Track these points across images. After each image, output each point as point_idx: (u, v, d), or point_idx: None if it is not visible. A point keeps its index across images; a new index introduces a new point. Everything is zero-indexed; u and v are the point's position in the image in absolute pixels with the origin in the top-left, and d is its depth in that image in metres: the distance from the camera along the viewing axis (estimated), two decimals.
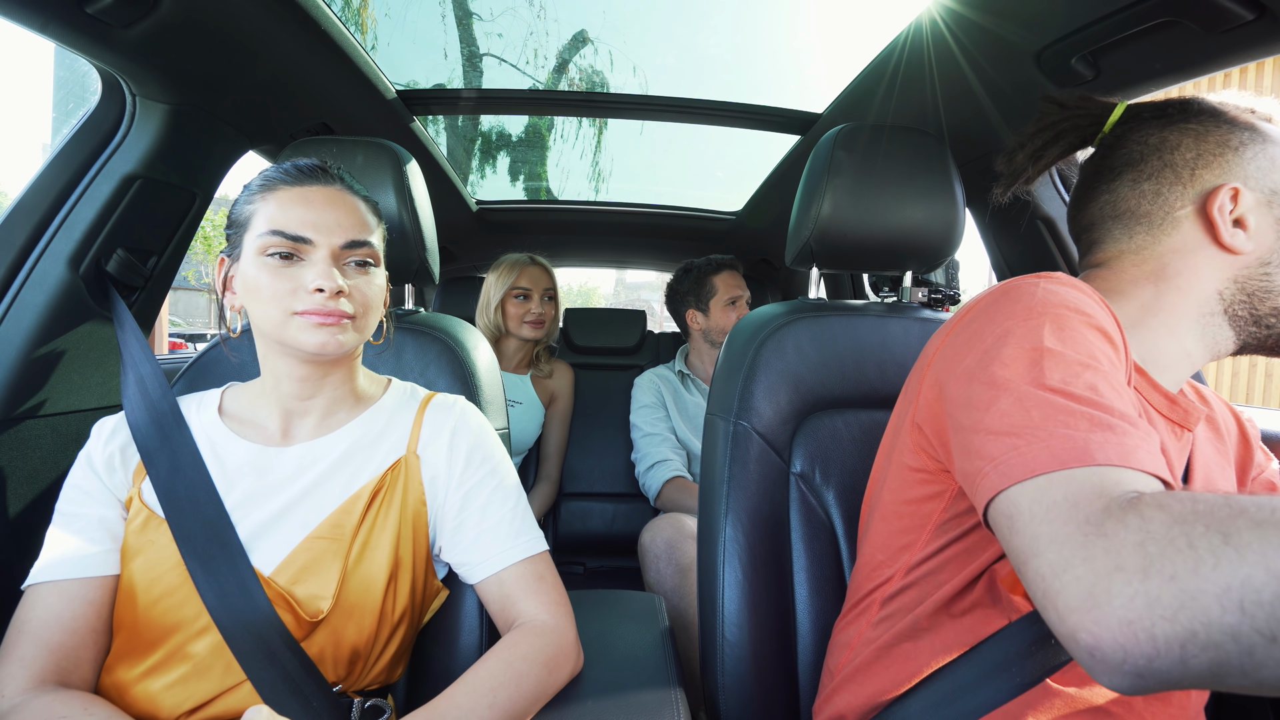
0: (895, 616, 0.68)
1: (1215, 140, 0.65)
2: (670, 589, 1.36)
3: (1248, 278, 0.63)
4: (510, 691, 0.63)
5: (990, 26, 0.90)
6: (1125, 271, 0.68)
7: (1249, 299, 0.63)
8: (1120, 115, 0.71)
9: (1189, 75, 0.84)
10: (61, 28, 0.75)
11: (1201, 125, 0.66)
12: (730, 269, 1.88)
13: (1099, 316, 0.57)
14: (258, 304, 0.66)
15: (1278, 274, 0.62)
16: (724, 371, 0.96)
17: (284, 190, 0.67)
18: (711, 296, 1.86)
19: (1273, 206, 0.63)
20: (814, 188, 0.94)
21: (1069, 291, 0.59)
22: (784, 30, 2.26)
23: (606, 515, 2.04)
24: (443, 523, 0.75)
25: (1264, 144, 0.64)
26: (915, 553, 0.67)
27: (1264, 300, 0.63)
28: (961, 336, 0.61)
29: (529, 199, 2.59)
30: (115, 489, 0.68)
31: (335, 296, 0.65)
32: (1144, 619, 0.36)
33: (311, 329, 0.65)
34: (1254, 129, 0.65)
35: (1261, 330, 0.64)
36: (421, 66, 1.81)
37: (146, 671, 0.63)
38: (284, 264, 0.65)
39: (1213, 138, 0.66)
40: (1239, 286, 0.63)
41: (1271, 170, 0.63)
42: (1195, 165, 0.65)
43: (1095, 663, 0.38)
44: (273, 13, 0.92)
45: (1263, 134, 0.65)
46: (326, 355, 0.67)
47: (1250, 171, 0.63)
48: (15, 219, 0.88)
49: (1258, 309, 0.63)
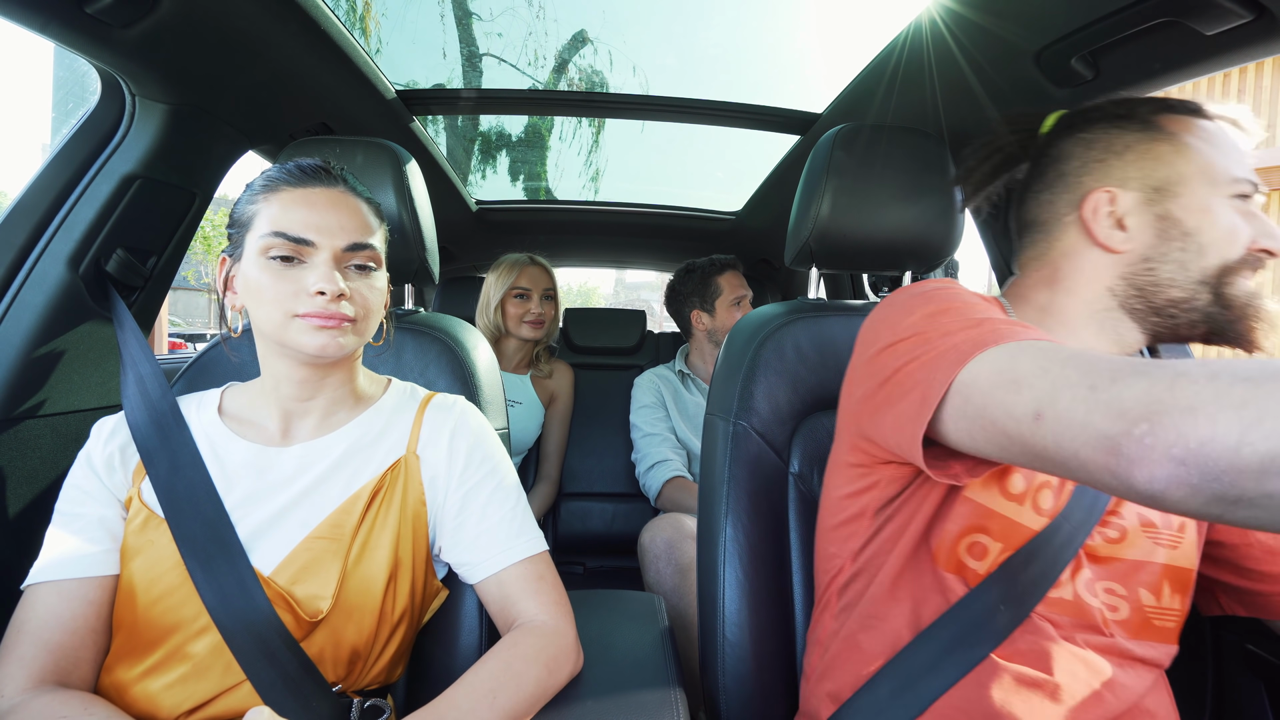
0: (851, 607, 0.72)
1: (1101, 146, 0.69)
2: (670, 589, 1.36)
3: (1134, 274, 0.66)
4: (510, 692, 0.63)
5: (990, 26, 0.90)
6: (1029, 277, 0.73)
7: (1140, 294, 0.66)
8: (1052, 126, 0.75)
9: (1189, 75, 0.84)
10: (61, 28, 0.75)
11: (1092, 133, 0.70)
12: (733, 269, 1.89)
13: (985, 307, 0.62)
14: (259, 305, 0.66)
15: (1162, 268, 0.65)
16: (723, 371, 0.96)
17: (287, 191, 0.67)
18: (717, 296, 1.86)
19: (1153, 205, 0.66)
20: (813, 188, 0.94)
21: (956, 288, 0.66)
22: (784, 30, 2.26)
23: (606, 515, 2.04)
24: (442, 523, 0.75)
25: (1152, 143, 0.67)
26: (859, 540, 0.72)
27: (1156, 293, 0.65)
28: (862, 338, 0.70)
29: (529, 199, 2.59)
30: (115, 489, 0.68)
31: (336, 300, 0.65)
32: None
33: (312, 331, 0.65)
34: (1149, 127, 0.68)
35: (1165, 320, 0.66)
36: (421, 66, 1.81)
37: (146, 671, 0.63)
38: (286, 266, 0.65)
39: (1100, 144, 0.70)
40: (1128, 283, 0.67)
41: (1155, 168, 0.66)
42: (1080, 172, 0.70)
43: None
44: (273, 13, 0.92)
45: (1157, 133, 0.67)
46: (326, 358, 0.67)
47: (1131, 173, 0.67)
48: (15, 219, 0.88)
49: (1152, 301, 0.66)
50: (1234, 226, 0.63)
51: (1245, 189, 0.64)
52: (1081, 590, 0.64)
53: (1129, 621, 0.65)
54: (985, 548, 0.65)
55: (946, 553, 0.66)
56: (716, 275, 1.87)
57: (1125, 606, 0.65)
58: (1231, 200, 0.64)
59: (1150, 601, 0.65)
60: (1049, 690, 0.60)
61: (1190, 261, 0.64)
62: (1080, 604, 0.64)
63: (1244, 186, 0.64)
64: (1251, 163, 0.66)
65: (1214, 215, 0.64)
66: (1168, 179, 0.66)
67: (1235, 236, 0.63)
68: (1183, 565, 0.67)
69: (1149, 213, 0.66)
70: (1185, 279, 0.64)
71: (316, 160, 0.71)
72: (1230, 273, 0.63)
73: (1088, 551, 0.65)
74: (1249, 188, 0.65)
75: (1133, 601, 0.65)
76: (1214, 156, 0.65)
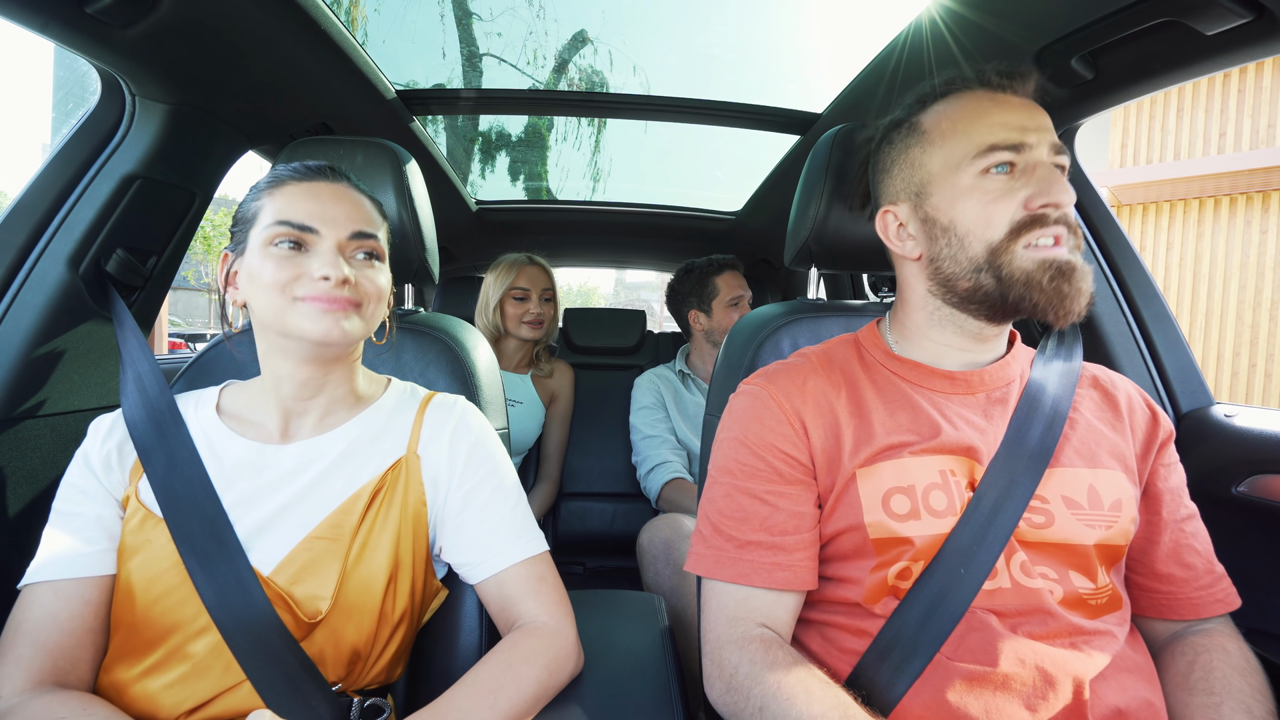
0: (808, 623, 0.73)
1: (879, 168, 0.76)
2: (668, 589, 1.36)
3: (933, 273, 0.71)
4: (511, 693, 0.63)
5: (990, 26, 0.90)
6: (896, 296, 0.80)
7: (946, 289, 0.70)
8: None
9: (1188, 75, 0.84)
10: (61, 28, 0.75)
11: (875, 158, 0.78)
12: (732, 269, 1.89)
13: (748, 424, 0.73)
14: (260, 291, 0.66)
15: (944, 265, 0.69)
16: (723, 371, 0.96)
17: (291, 185, 0.68)
18: (714, 297, 1.86)
19: (917, 210, 0.71)
20: (813, 188, 0.94)
21: (739, 403, 0.76)
22: (784, 30, 2.26)
23: (606, 515, 2.04)
24: (443, 523, 0.75)
25: (908, 149, 0.72)
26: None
27: (955, 284, 0.69)
28: None
29: (529, 199, 2.60)
30: (112, 488, 0.68)
31: (341, 285, 0.66)
32: None
33: (316, 315, 0.65)
34: (910, 132, 0.72)
35: (980, 306, 0.69)
36: (421, 66, 1.81)
37: (146, 671, 0.63)
38: (290, 253, 0.65)
39: (878, 165, 0.77)
40: (935, 281, 0.71)
41: (912, 175, 0.71)
42: (876, 196, 0.78)
43: None
44: (272, 13, 0.92)
45: (911, 137, 0.72)
46: (330, 344, 0.66)
47: (899, 187, 0.73)
48: (15, 219, 0.88)
49: (957, 292, 0.69)
50: (985, 205, 0.65)
51: (1000, 157, 0.65)
52: (1018, 575, 0.65)
53: (1067, 601, 0.65)
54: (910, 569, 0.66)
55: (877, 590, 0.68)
56: (714, 275, 1.87)
57: (1060, 590, 0.65)
58: (986, 177, 0.65)
59: (1084, 584, 0.66)
60: (998, 682, 0.60)
61: (958, 254, 0.67)
62: (1020, 589, 0.64)
63: (998, 155, 0.65)
64: (1013, 119, 0.66)
65: (964, 203, 0.66)
66: (921, 182, 0.70)
67: (990, 219, 0.65)
68: (1118, 544, 0.67)
69: (916, 218, 0.71)
70: (962, 270, 0.67)
71: (321, 161, 0.72)
72: (1000, 252, 0.65)
73: (1018, 537, 0.66)
74: (1007, 154, 0.65)
75: (1066, 584, 0.65)
76: (957, 139, 0.67)
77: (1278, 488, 0.89)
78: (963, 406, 0.72)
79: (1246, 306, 6.83)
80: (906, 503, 0.66)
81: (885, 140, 0.76)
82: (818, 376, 0.75)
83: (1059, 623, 0.64)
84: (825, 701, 0.57)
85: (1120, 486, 0.68)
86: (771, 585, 0.67)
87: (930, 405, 0.71)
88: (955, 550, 0.64)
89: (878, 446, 0.68)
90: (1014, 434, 0.68)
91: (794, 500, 0.70)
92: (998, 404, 0.72)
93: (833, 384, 0.74)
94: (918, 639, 0.63)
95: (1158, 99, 6.95)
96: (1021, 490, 0.65)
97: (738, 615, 0.68)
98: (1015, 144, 0.65)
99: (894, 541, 0.66)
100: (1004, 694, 0.60)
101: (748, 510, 0.70)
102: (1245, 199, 6.81)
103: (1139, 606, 0.74)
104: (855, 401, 0.73)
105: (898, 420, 0.70)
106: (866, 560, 0.67)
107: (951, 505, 0.66)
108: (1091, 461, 0.69)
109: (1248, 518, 0.93)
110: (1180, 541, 0.72)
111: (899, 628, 0.64)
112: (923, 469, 0.67)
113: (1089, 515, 0.67)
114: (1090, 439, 0.71)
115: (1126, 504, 0.68)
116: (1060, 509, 0.67)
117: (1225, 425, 0.99)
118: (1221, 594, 0.71)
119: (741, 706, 0.62)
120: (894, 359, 0.75)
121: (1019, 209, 0.64)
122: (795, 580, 0.68)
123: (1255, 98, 6.62)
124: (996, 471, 0.66)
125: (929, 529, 0.65)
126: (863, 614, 0.68)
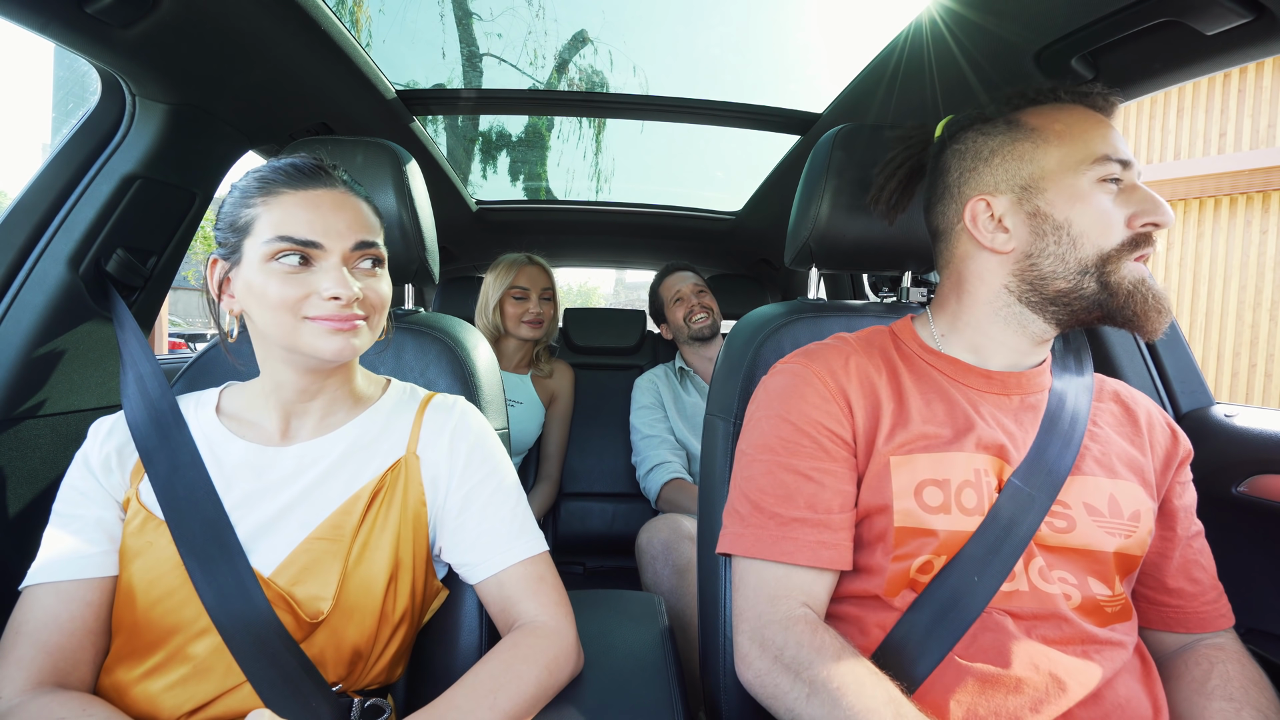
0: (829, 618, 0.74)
1: (971, 155, 0.73)
2: (668, 590, 1.36)
3: (1022, 271, 0.69)
4: (511, 693, 0.63)
5: (990, 26, 0.90)
6: (943, 284, 0.78)
7: (1032, 288, 0.69)
8: (938, 138, 0.78)
9: (1188, 75, 0.84)
10: (61, 28, 0.75)
11: (963, 143, 0.74)
12: (669, 274, 2.03)
13: (796, 400, 0.73)
14: (265, 309, 0.64)
15: (1044, 262, 0.67)
16: (723, 371, 0.96)
17: (287, 194, 0.65)
18: (664, 305, 2.01)
19: (1024, 203, 0.69)
20: (813, 188, 0.94)
21: (777, 381, 0.76)
22: (784, 30, 2.26)
23: (606, 515, 2.04)
24: (443, 523, 0.75)
25: (1015, 143, 0.70)
26: None
27: (1045, 285, 0.68)
28: None
29: (529, 199, 2.59)
30: (112, 490, 0.68)
31: (351, 304, 0.65)
32: None
33: (327, 335, 0.65)
34: (1012, 127, 0.70)
35: (1062, 309, 0.69)
36: (421, 66, 1.81)
37: (146, 673, 0.63)
38: (294, 270, 0.64)
39: (970, 153, 0.73)
40: (1020, 279, 0.70)
41: (1020, 168, 0.69)
42: (960, 183, 0.74)
43: None
44: (272, 13, 0.92)
45: (1018, 131, 0.70)
46: (342, 361, 0.67)
47: (1000, 177, 0.70)
48: (15, 219, 0.88)
49: (1044, 294, 0.69)
50: (1104, 212, 0.65)
51: (1113, 170, 0.65)
52: (1036, 579, 0.65)
53: (1084, 607, 0.66)
54: (931, 563, 0.67)
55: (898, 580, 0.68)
56: (658, 288, 2.04)
57: (1078, 595, 0.66)
58: (1101, 185, 0.65)
59: (1101, 591, 0.66)
60: (1010, 685, 0.60)
61: (1067, 254, 0.66)
62: (1038, 593, 0.65)
63: (1111, 168, 0.65)
64: (1117, 138, 0.67)
65: (1082, 205, 0.65)
66: (1032, 176, 0.68)
67: (1108, 222, 0.65)
68: (1135, 554, 0.68)
69: (1021, 212, 0.69)
70: (1066, 270, 0.66)
71: (310, 158, 0.69)
72: (1111, 259, 0.65)
73: (1038, 542, 0.66)
74: (1117, 167, 0.65)
75: (1084, 589, 0.66)
76: (1074, 142, 0.67)
77: (1278, 488, 0.89)
78: (996, 407, 0.72)
79: (1246, 306, 6.82)
80: (939, 495, 0.66)
81: (976, 131, 0.73)
82: (859, 357, 0.76)
83: (1072, 628, 0.64)
84: (877, 696, 0.56)
85: (1139, 499, 0.69)
86: (816, 564, 0.67)
87: (965, 401, 0.72)
88: (970, 558, 0.64)
89: (913, 434, 0.69)
90: (1039, 446, 0.69)
91: (838, 478, 0.70)
92: (1029, 410, 0.73)
93: (874, 366, 0.75)
94: (928, 640, 0.63)
95: (1158, 99, 6.94)
96: (1040, 505, 0.66)
97: (778, 593, 0.67)
98: (1125, 160, 0.66)
99: (919, 532, 0.66)
100: (1016, 697, 0.60)
101: (792, 487, 0.69)
102: (1245, 199, 6.80)
103: (1146, 619, 0.74)
104: (895, 386, 0.74)
105: (934, 411, 0.71)
106: (888, 549, 0.67)
107: (980, 504, 0.66)
108: (1111, 472, 0.70)
109: (1248, 518, 0.93)
110: (1189, 557, 0.73)
111: (910, 626, 0.64)
112: (959, 465, 0.68)
113: (1109, 523, 0.67)
114: (1110, 451, 0.72)
115: (1145, 516, 0.69)
116: (1082, 515, 0.67)
117: (1225, 425, 0.99)
118: (1225, 609, 0.73)
119: (785, 690, 0.61)
120: (931, 353, 0.76)
121: (1129, 220, 0.65)
122: (839, 559, 0.67)
123: (1255, 98, 6.61)
124: (1019, 482, 0.67)
125: (956, 524, 0.66)
126: (880, 606, 0.68)
